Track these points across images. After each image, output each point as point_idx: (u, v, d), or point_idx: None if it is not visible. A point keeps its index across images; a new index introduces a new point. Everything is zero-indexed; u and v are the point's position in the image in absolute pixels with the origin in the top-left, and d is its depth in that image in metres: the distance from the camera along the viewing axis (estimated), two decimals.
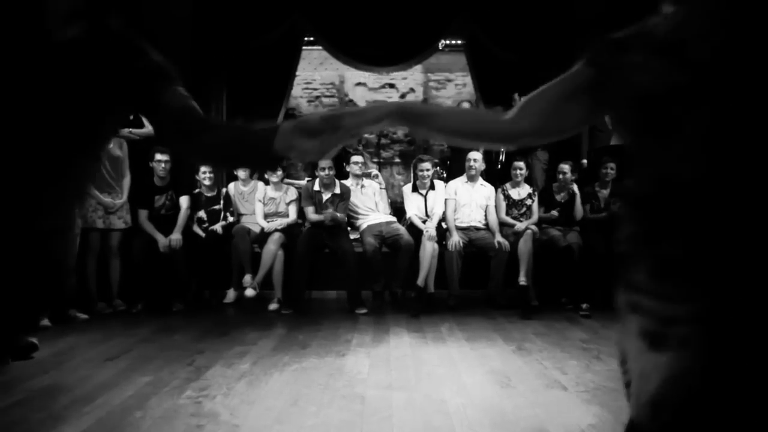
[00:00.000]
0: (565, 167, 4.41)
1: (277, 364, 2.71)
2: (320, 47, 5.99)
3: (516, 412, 2.09)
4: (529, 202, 4.39)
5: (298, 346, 3.05)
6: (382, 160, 7.25)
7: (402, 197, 4.68)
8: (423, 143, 7.60)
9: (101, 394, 2.27)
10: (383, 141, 7.47)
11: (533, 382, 2.44)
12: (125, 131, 4.32)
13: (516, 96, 5.30)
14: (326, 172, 4.21)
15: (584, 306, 3.91)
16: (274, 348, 3.04)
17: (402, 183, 5.56)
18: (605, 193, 4.36)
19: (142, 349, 2.98)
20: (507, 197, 4.41)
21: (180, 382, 2.42)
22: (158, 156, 4.14)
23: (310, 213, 4.23)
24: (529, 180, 4.59)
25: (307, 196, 4.29)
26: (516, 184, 4.44)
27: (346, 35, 5.85)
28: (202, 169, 4.41)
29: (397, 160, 7.63)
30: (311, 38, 5.94)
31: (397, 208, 4.98)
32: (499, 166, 5.46)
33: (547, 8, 5.63)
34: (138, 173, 4.18)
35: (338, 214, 4.19)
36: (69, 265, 3.51)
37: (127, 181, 4.08)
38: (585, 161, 5.14)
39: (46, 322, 3.37)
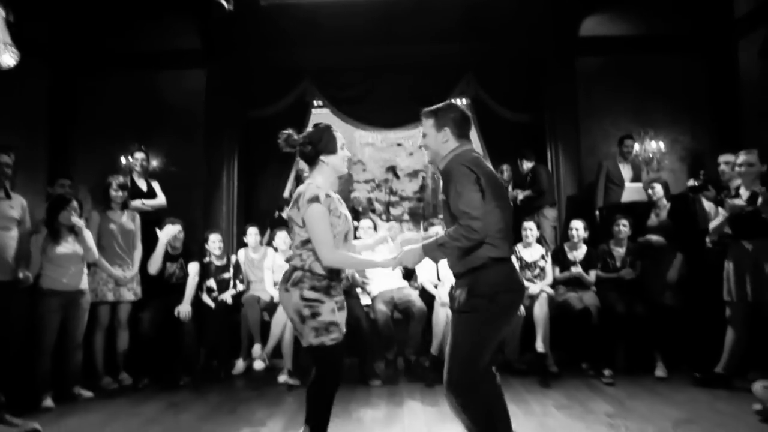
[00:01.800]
0: (578, 224, 4.35)
1: None
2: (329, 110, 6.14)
3: None
4: (542, 263, 4.29)
5: None
6: (391, 218, 7.25)
7: None
8: (432, 200, 7.62)
9: None
10: (392, 199, 7.51)
11: None
12: (138, 202, 4.39)
13: (518, 160, 5.43)
14: None
15: (607, 372, 3.73)
16: (284, 428, 2.91)
17: None
18: (620, 251, 4.26)
19: None
20: (519, 259, 4.29)
21: None
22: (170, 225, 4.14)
23: None
24: (538, 239, 4.51)
25: None
26: (527, 245, 4.35)
27: (353, 100, 6.02)
28: (212, 238, 4.42)
29: (407, 217, 7.63)
30: (320, 103, 6.13)
31: (407, 270, 4.91)
32: None
33: (546, 70, 5.77)
34: (150, 242, 4.18)
35: (356, 275, 4.18)
36: (77, 341, 3.46)
37: (138, 253, 4.09)
38: (598, 213, 5.07)
39: (49, 402, 3.29)
